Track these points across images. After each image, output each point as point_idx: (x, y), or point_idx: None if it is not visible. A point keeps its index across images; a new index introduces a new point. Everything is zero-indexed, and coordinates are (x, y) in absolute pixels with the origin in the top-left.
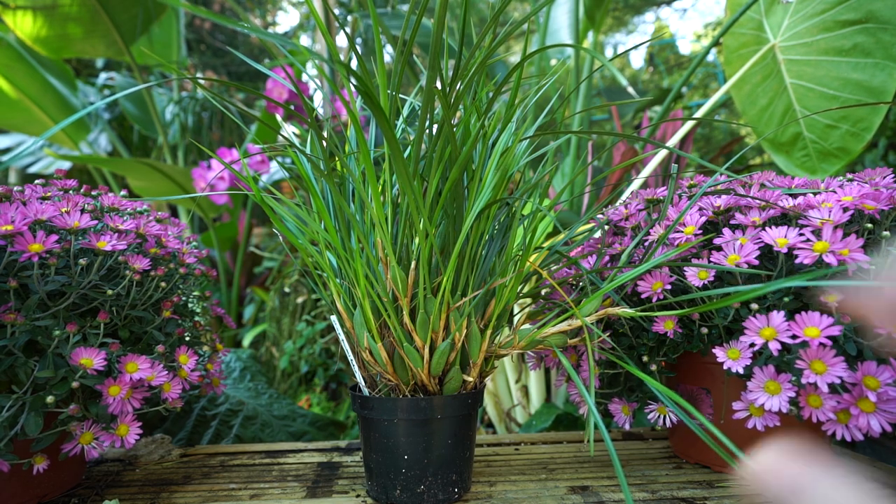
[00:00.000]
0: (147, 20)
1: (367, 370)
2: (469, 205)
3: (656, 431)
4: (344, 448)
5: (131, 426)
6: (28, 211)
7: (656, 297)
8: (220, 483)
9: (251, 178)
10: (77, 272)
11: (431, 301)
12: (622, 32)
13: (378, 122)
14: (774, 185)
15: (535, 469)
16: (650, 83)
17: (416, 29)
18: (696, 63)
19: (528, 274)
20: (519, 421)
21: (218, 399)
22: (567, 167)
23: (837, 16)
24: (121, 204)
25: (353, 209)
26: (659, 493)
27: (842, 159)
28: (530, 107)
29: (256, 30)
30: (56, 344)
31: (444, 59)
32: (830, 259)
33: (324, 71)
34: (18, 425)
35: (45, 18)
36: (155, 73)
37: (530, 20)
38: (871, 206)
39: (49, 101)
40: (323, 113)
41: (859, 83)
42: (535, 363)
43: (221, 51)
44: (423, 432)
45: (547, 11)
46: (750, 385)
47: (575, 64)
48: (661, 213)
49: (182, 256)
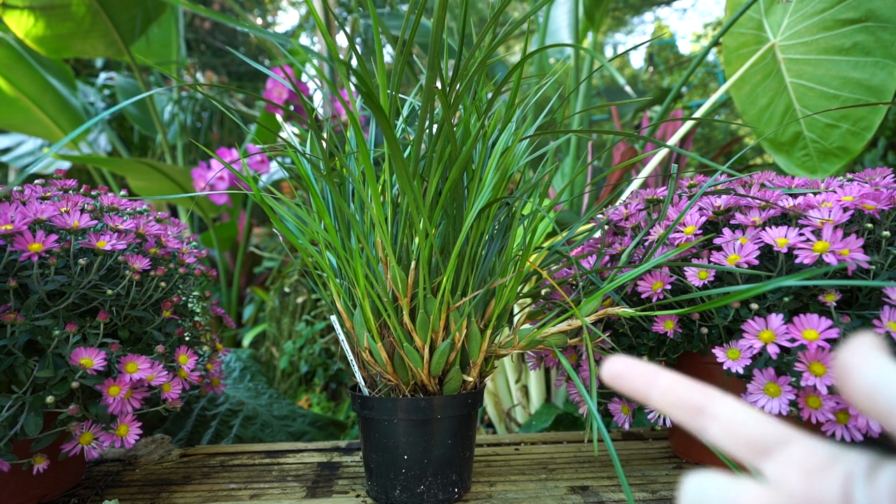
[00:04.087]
0: (146, 20)
1: (367, 370)
2: (469, 205)
3: (656, 431)
4: (344, 448)
5: (131, 426)
6: (28, 211)
7: (656, 296)
8: (220, 483)
9: (251, 178)
10: (77, 272)
11: (431, 301)
12: (622, 32)
13: (378, 122)
14: (774, 184)
15: (535, 469)
16: (650, 83)
17: (416, 29)
18: (696, 63)
19: (527, 274)
20: (519, 421)
21: (218, 399)
22: (567, 167)
23: (837, 14)
24: (120, 204)
25: (353, 209)
26: (659, 493)
27: (842, 159)
28: (530, 106)
29: (256, 28)
30: (56, 344)
31: (443, 59)
32: (830, 259)
33: (323, 72)
34: (18, 425)
35: (45, 18)
36: (155, 73)
37: (530, 20)
38: (871, 206)
39: (49, 101)
40: (322, 113)
41: (859, 82)
42: (535, 363)
43: (221, 51)
44: (422, 432)
45: (546, 11)
46: (750, 387)
47: (575, 64)
48: (661, 213)
49: (182, 256)
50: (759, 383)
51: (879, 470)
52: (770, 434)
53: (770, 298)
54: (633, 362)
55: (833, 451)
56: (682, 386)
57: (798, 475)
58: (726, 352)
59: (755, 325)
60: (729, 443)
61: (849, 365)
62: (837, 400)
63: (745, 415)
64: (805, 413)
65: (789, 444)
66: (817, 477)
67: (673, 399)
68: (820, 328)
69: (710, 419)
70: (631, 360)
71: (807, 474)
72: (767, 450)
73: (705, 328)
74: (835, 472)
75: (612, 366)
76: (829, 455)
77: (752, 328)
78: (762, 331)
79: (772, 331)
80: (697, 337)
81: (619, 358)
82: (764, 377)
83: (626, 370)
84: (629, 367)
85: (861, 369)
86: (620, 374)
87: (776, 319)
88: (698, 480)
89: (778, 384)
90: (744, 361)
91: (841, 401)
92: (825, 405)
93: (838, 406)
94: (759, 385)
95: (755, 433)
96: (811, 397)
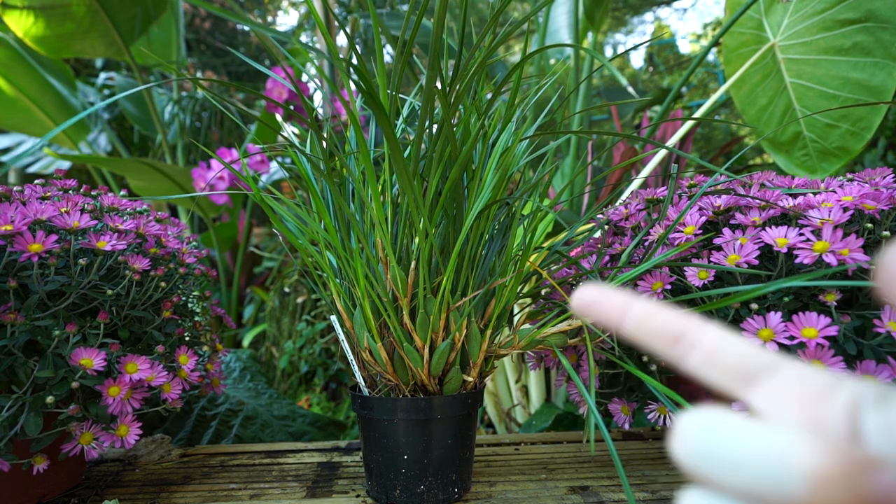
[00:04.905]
0: (146, 20)
1: (367, 370)
2: (469, 205)
3: (656, 431)
4: (344, 448)
5: (131, 426)
6: (28, 211)
7: (656, 296)
8: (219, 483)
9: (251, 178)
10: (77, 272)
11: (431, 301)
12: (622, 32)
13: (378, 122)
14: (774, 184)
15: (535, 469)
16: (650, 83)
17: (416, 29)
18: (696, 63)
19: (527, 274)
20: (519, 421)
21: (218, 399)
22: (567, 167)
23: (837, 15)
24: (120, 204)
25: (353, 209)
26: (659, 493)
27: (842, 158)
28: (530, 107)
29: (256, 26)
30: (56, 344)
31: (443, 59)
32: (830, 259)
33: (323, 71)
34: (18, 425)
35: (45, 18)
36: (154, 73)
37: (530, 20)
38: (871, 205)
39: (48, 100)
40: (323, 113)
41: (859, 82)
42: (535, 363)
43: (221, 51)
44: (422, 432)
45: (546, 11)
46: None
47: (574, 64)
48: (661, 213)
49: (182, 256)
50: None
51: (893, 397)
52: (756, 359)
53: (770, 298)
54: (607, 289)
55: (828, 378)
56: (659, 313)
57: (793, 403)
58: None
59: (754, 323)
60: (710, 371)
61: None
62: None
63: (728, 340)
64: None
65: (778, 371)
66: (816, 405)
67: (649, 327)
68: (819, 326)
69: (690, 347)
70: (604, 287)
71: (803, 402)
72: (754, 377)
73: None
74: (837, 401)
75: (584, 293)
76: (825, 382)
77: (751, 326)
78: (761, 329)
79: (770, 328)
80: None
81: (590, 285)
82: None
83: (598, 297)
84: (602, 294)
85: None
86: (593, 300)
87: (774, 318)
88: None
89: None
90: None
91: None
92: None
93: None
94: None
95: (740, 358)
96: None
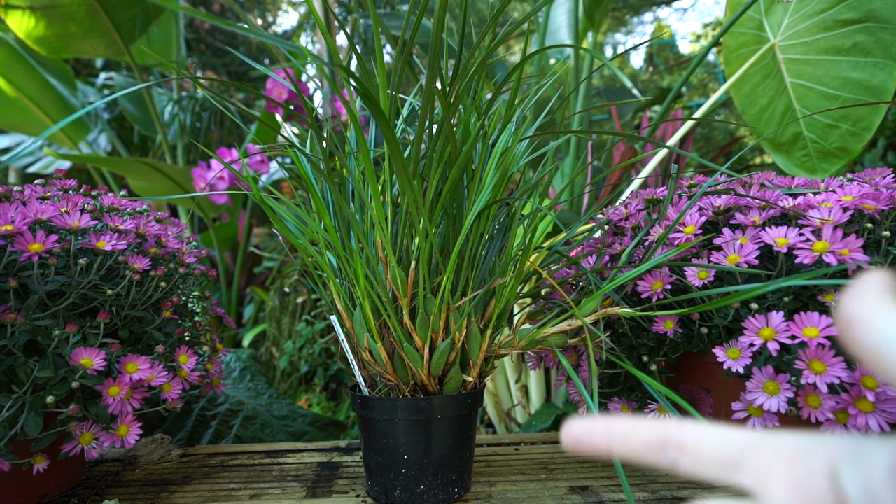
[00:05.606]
0: (146, 20)
1: (367, 370)
2: (469, 205)
3: None
4: (344, 448)
5: (131, 426)
6: (28, 211)
7: (656, 296)
8: (220, 483)
9: (251, 178)
10: (77, 272)
11: (431, 301)
12: (622, 32)
13: (378, 123)
14: (774, 184)
15: (535, 469)
16: (650, 83)
17: (416, 29)
18: (696, 63)
19: (528, 274)
20: (519, 421)
21: (218, 399)
22: (567, 167)
23: (837, 15)
24: (120, 204)
25: (353, 209)
26: (659, 493)
27: (842, 159)
28: (530, 107)
29: (257, 31)
30: (56, 344)
31: (443, 59)
32: (830, 259)
33: (324, 71)
34: (18, 425)
35: (45, 18)
36: (154, 73)
37: (530, 20)
38: (871, 206)
39: (48, 100)
40: (323, 113)
41: (859, 82)
42: (535, 363)
43: (221, 51)
44: (422, 432)
45: (546, 11)
46: (749, 385)
47: (574, 64)
48: (661, 213)
49: (182, 256)
50: (758, 381)
51: (866, 453)
52: (734, 443)
53: (770, 298)
54: (588, 421)
55: (801, 442)
56: (639, 426)
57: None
58: (726, 351)
59: (756, 322)
60: (702, 468)
61: (853, 316)
62: (837, 399)
63: (705, 434)
64: (805, 412)
65: (758, 449)
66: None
67: (635, 443)
68: (820, 326)
69: (678, 450)
70: (585, 419)
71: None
72: (739, 462)
73: (705, 328)
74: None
75: (571, 429)
76: (799, 449)
77: (752, 325)
78: (763, 328)
79: (772, 328)
80: (697, 337)
81: (574, 421)
82: (763, 375)
83: (583, 431)
84: (586, 427)
85: (867, 322)
86: (580, 436)
87: (777, 317)
88: None
89: (777, 382)
90: (744, 361)
91: (840, 400)
92: (825, 404)
93: (838, 405)
94: (758, 383)
95: (720, 447)
96: (811, 396)
